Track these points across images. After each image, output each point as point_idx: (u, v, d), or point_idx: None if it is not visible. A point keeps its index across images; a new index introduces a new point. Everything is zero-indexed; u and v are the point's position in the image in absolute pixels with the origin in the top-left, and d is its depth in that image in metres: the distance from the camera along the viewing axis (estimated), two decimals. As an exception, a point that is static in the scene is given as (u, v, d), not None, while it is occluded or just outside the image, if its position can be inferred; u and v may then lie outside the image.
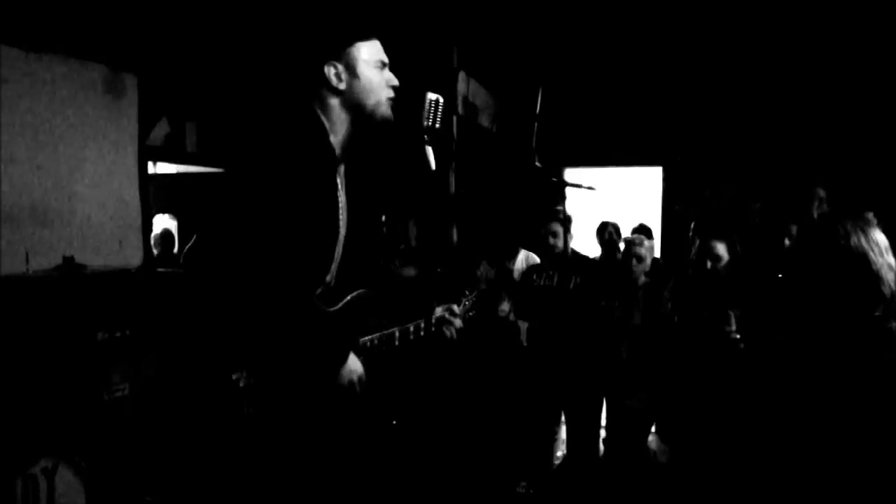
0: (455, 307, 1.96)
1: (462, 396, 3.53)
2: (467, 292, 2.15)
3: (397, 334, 1.82)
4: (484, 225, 4.63)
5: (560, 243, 3.63)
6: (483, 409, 3.59)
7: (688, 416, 3.06)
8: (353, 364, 1.64)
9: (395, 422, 1.82)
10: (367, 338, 1.77)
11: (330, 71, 1.64)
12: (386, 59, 1.68)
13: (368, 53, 1.65)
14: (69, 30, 3.75)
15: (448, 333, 1.93)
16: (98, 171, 3.97)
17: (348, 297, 1.74)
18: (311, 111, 1.66)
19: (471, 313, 2.12)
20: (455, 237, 4.64)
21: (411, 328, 1.87)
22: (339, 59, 1.64)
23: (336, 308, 1.70)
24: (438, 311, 1.94)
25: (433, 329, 1.92)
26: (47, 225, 3.65)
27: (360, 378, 1.65)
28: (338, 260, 1.73)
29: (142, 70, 4.22)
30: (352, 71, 1.64)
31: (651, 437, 3.70)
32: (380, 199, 1.88)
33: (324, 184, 1.63)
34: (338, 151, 1.68)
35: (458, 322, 1.94)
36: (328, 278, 1.70)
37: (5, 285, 3.09)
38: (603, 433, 3.73)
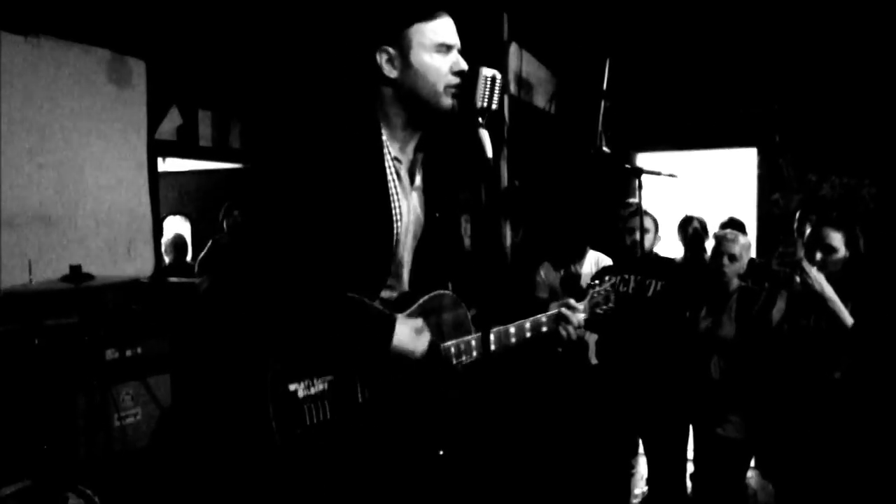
0: (572, 301, 1.94)
1: (522, 423, 3.54)
2: (597, 281, 2.09)
3: (493, 337, 1.79)
4: (544, 222, 4.63)
5: (647, 242, 3.61)
6: (547, 438, 3.59)
7: (793, 448, 3.00)
8: (407, 333, 1.65)
9: (441, 452, 1.83)
10: (451, 342, 1.79)
11: (381, 58, 1.66)
12: (450, 42, 1.69)
13: (425, 36, 1.66)
14: (70, 11, 3.92)
15: (565, 333, 1.90)
16: (104, 168, 4.15)
17: (421, 300, 1.77)
18: (361, 101, 1.70)
19: (604, 308, 2.07)
20: (509, 237, 4.65)
21: (512, 329, 1.85)
22: (392, 44, 1.66)
23: (406, 313, 1.73)
24: (553, 307, 1.94)
25: (545, 329, 1.90)
26: (51, 230, 3.83)
27: (430, 345, 1.67)
28: (407, 262, 1.79)
29: (150, 54, 4.38)
30: (405, 57, 1.66)
31: (749, 473, 3.64)
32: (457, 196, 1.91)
33: (372, 180, 1.68)
34: (394, 146, 1.73)
35: (578, 318, 1.92)
36: (391, 281, 1.76)
37: (7, 300, 3.24)
38: (690, 467, 3.68)
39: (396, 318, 1.68)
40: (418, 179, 1.80)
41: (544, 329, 1.91)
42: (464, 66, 1.69)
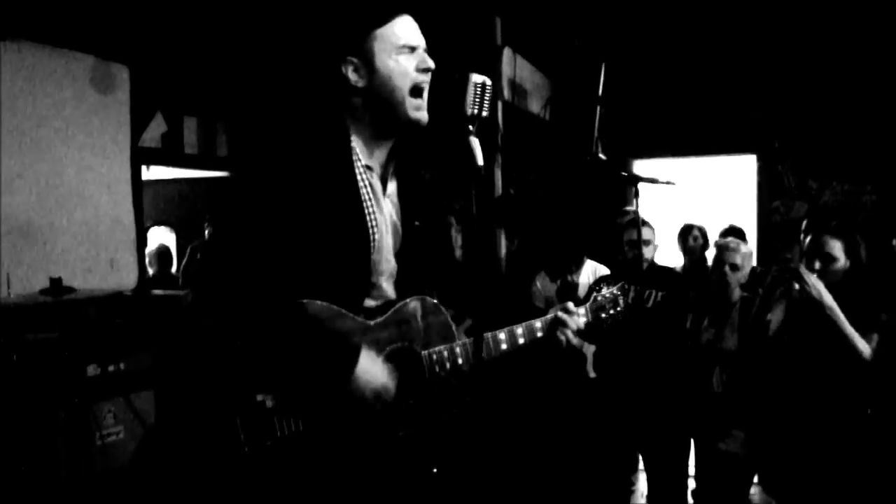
0: (570, 305, 1.90)
1: (518, 438, 3.52)
2: (602, 285, 2.06)
3: (483, 343, 1.76)
4: (539, 231, 4.62)
5: (648, 254, 3.60)
6: (543, 454, 3.57)
7: (798, 463, 2.98)
8: (370, 372, 1.61)
9: (435, 470, 1.81)
10: (432, 350, 1.75)
11: (347, 69, 1.68)
12: (413, 42, 1.69)
13: (386, 41, 1.67)
14: (52, 16, 3.90)
15: (563, 338, 1.86)
16: (86, 177, 4.12)
17: (395, 307, 1.75)
18: (330, 112, 1.72)
19: (610, 312, 2.02)
20: (503, 246, 4.64)
21: (502, 336, 1.82)
22: (355, 55, 1.67)
23: (379, 320, 1.72)
24: (551, 311, 1.90)
25: (540, 335, 1.86)
26: (30, 241, 3.79)
27: (383, 389, 1.62)
28: (389, 271, 1.78)
29: (134, 59, 4.36)
30: (369, 65, 1.67)
31: (753, 490, 3.62)
32: (444, 202, 1.91)
33: (343, 189, 1.68)
34: (365, 155, 1.74)
35: (578, 322, 1.87)
36: (373, 290, 1.75)
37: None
38: (692, 484, 3.66)
39: (362, 349, 1.64)
40: (391, 187, 1.80)
41: (539, 335, 1.86)
42: (430, 63, 1.70)
